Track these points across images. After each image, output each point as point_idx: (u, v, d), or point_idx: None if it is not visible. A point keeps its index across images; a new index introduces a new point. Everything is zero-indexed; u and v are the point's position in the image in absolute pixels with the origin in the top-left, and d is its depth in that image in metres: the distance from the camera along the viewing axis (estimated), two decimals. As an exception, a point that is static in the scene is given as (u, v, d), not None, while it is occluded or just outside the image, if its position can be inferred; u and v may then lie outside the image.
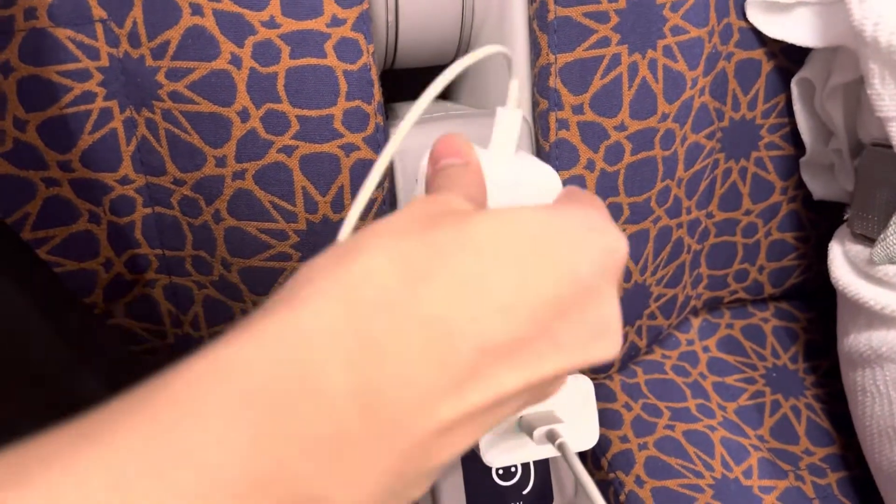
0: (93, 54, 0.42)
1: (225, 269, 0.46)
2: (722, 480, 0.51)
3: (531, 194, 0.30)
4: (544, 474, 0.46)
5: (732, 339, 0.61)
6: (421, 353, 0.20)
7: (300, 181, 0.43)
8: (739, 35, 0.53)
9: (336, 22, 0.42)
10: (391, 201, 0.46)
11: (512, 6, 0.49)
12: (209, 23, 0.41)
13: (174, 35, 0.41)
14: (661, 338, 0.60)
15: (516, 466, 0.46)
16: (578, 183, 0.49)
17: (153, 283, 0.47)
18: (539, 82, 0.48)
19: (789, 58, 0.54)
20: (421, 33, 0.50)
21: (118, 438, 0.17)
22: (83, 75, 0.42)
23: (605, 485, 0.52)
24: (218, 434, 0.17)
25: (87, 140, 0.43)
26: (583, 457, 0.54)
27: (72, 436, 0.17)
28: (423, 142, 0.46)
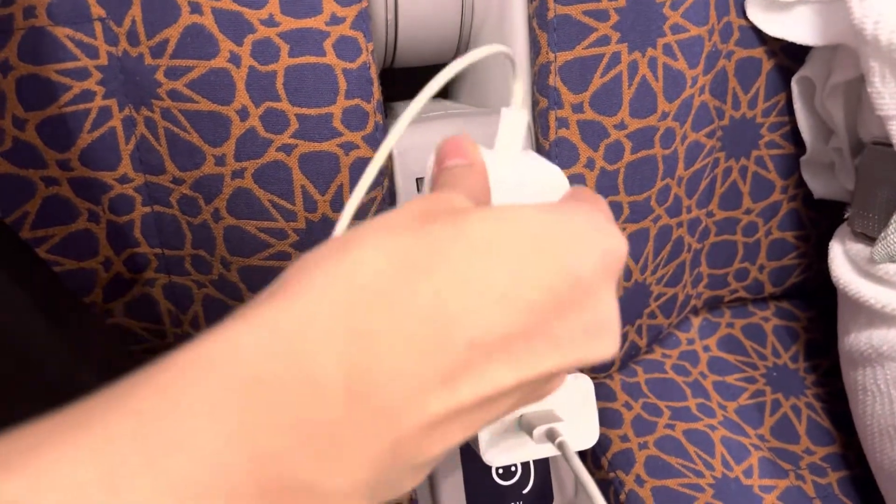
0: (92, 53, 0.42)
1: (224, 268, 0.46)
2: (722, 480, 0.51)
3: (537, 194, 0.30)
4: (544, 473, 0.46)
5: (733, 339, 0.61)
6: (413, 345, 0.20)
7: (299, 180, 0.43)
8: (739, 33, 0.53)
9: (335, 20, 0.42)
10: (391, 200, 0.46)
11: (512, 5, 0.49)
12: (208, 21, 0.41)
13: (173, 33, 0.41)
14: (662, 337, 0.60)
15: (516, 466, 0.46)
16: (578, 182, 0.49)
17: (152, 282, 0.47)
18: (539, 81, 0.48)
19: (790, 56, 0.54)
20: (420, 32, 0.50)
21: (108, 426, 0.17)
22: (82, 74, 0.42)
23: (606, 484, 0.52)
24: (208, 420, 0.17)
25: (86, 139, 0.43)
26: (583, 456, 0.54)
27: (60, 424, 0.17)
28: (422, 140, 0.47)
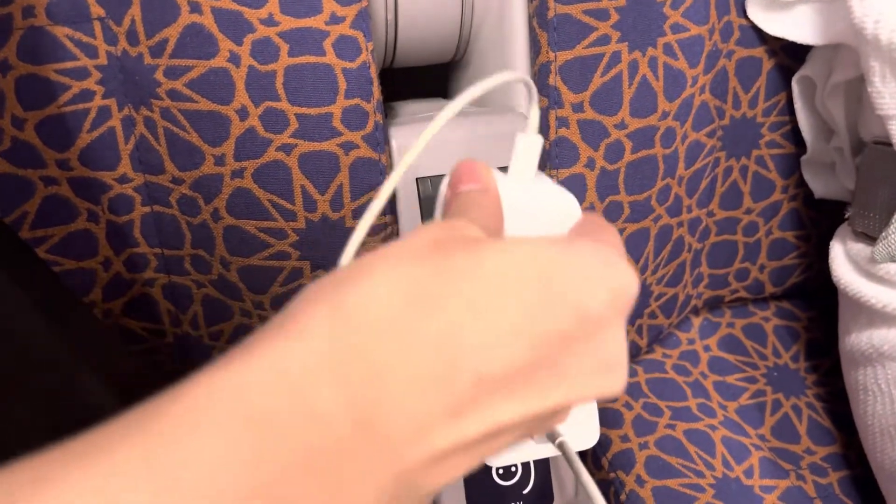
0: (91, 52, 0.42)
1: (224, 267, 0.46)
2: (723, 480, 0.51)
3: (549, 221, 0.30)
4: (544, 474, 0.46)
5: (733, 338, 0.61)
6: (421, 380, 0.20)
7: (299, 179, 0.43)
8: (740, 33, 0.53)
9: (335, 19, 0.42)
10: (391, 199, 0.46)
11: (512, 4, 0.49)
12: (208, 20, 0.41)
13: (172, 33, 0.41)
14: (662, 337, 0.60)
15: (516, 466, 0.46)
16: (579, 181, 0.49)
17: (152, 282, 0.47)
18: (539, 80, 0.48)
19: (790, 56, 0.54)
20: (420, 31, 0.50)
21: (115, 459, 0.17)
22: (81, 73, 0.42)
23: (606, 484, 0.52)
24: (213, 456, 0.17)
25: (85, 138, 0.43)
26: (583, 456, 0.54)
27: (66, 455, 0.17)
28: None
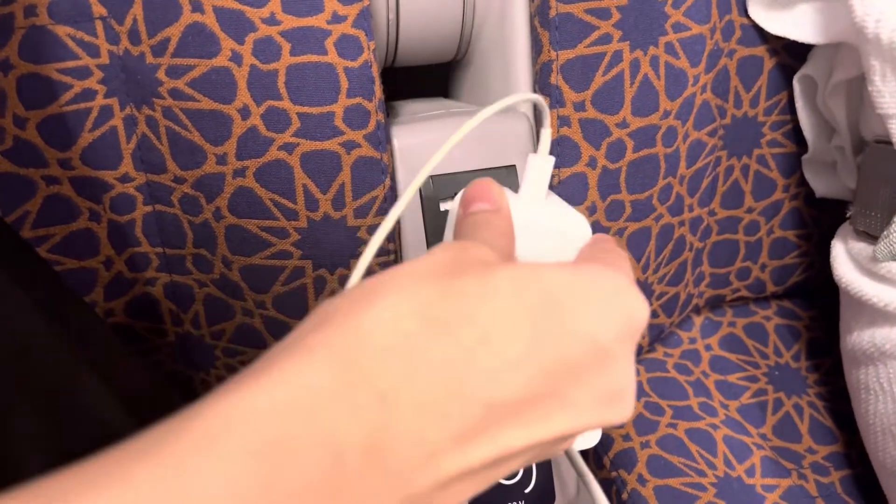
0: (93, 52, 0.42)
1: (226, 267, 0.46)
2: (724, 479, 0.51)
3: (560, 241, 0.31)
4: (546, 473, 0.46)
5: (734, 338, 0.61)
6: (428, 405, 0.20)
7: (301, 178, 0.43)
8: (741, 32, 0.53)
9: (337, 18, 0.42)
10: (392, 199, 0.46)
11: (513, 3, 0.49)
12: (209, 20, 0.41)
13: (174, 32, 0.41)
14: (663, 336, 0.60)
15: (518, 465, 0.46)
16: (580, 180, 0.49)
17: (153, 281, 0.47)
18: (540, 79, 0.48)
19: (791, 55, 0.54)
20: (422, 31, 0.50)
21: (129, 483, 0.17)
22: (83, 73, 0.42)
23: (608, 483, 0.52)
24: (226, 482, 0.17)
25: (87, 138, 0.43)
26: (585, 455, 0.54)
27: (81, 477, 0.17)
28: (424, 138, 0.46)
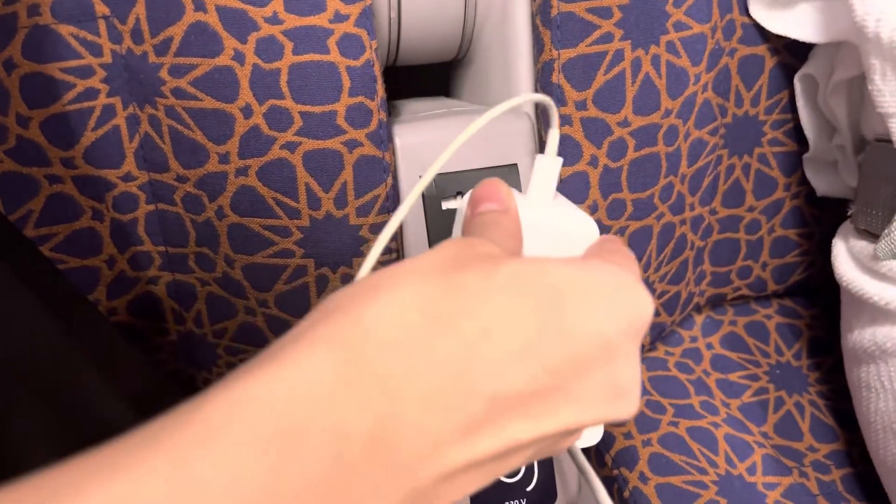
0: (95, 51, 0.42)
1: (228, 265, 0.46)
2: (726, 477, 0.51)
3: (567, 242, 0.31)
4: (548, 471, 0.46)
5: (736, 336, 0.61)
6: (434, 397, 0.20)
7: (303, 177, 0.43)
8: (742, 31, 0.53)
9: (339, 18, 0.42)
10: (395, 198, 0.46)
11: (514, 2, 0.49)
12: (212, 19, 0.41)
13: (177, 31, 0.41)
14: (665, 335, 0.60)
15: (520, 463, 0.46)
16: (582, 179, 0.49)
17: (156, 280, 0.47)
18: (542, 78, 0.48)
19: (792, 54, 0.54)
20: (423, 30, 0.50)
21: (136, 472, 0.17)
22: (86, 72, 0.42)
23: (609, 481, 0.52)
24: (235, 471, 0.17)
25: (89, 137, 0.43)
26: (586, 453, 0.54)
27: (88, 466, 0.17)
28: (426, 137, 0.47)
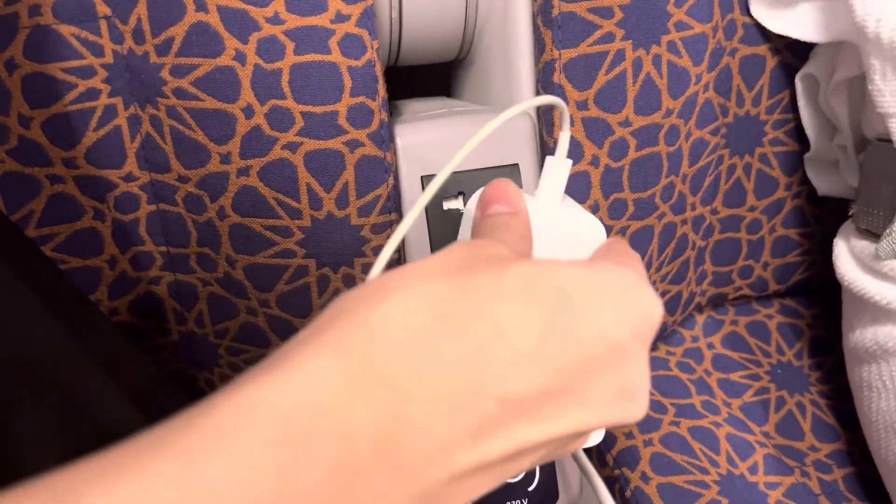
0: (97, 51, 0.42)
1: (229, 265, 0.46)
2: (727, 477, 0.51)
3: (575, 244, 0.31)
4: (549, 471, 0.46)
5: (737, 336, 0.61)
6: (444, 399, 0.20)
7: (305, 177, 0.43)
8: (743, 31, 0.53)
9: (340, 18, 0.42)
10: (396, 198, 0.46)
11: (516, 2, 0.49)
12: (213, 19, 0.41)
13: (178, 31, 0.41)
14: (666, 334, 0.60)
15: (521, 463, 0.46)
16: (583, 179, 0.49)
17: (157, 280, 0.47)
18: (543, 78, 0.48)
19: (793, 53, 0.54)
20: (425, 30, 0.50)
21: (144, 475, 0.17)
22: (87, 72, 0.42)
23: (611, 481, 0.52)
24: (242, 474, 0.17)
25: (91, 137, 0.43)
26: (588, 453, 0.54)
27: (95, 469, 0.17)
28: (427, 137, 0.47)
